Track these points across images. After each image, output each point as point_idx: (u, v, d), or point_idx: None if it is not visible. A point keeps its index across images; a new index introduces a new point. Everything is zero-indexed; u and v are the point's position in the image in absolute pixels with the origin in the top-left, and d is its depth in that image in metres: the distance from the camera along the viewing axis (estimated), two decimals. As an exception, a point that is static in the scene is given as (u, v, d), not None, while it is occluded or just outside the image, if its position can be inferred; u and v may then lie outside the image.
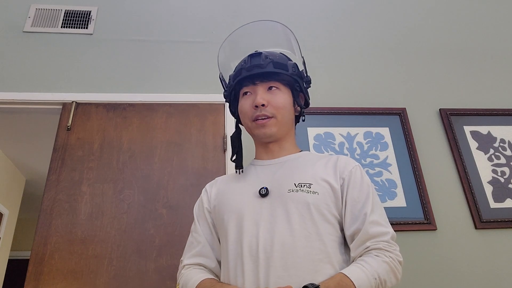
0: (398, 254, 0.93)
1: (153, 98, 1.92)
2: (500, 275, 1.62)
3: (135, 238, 1.60)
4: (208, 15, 2.26)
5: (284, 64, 1.08)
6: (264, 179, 1.03)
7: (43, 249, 1.55)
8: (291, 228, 0.91)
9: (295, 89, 1.10)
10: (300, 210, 0.93)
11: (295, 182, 0.98)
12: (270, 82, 1.06)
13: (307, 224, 0.92)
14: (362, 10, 2.37)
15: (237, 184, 1.08)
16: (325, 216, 0.94)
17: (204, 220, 1.08)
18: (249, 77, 1.06)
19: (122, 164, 1.74)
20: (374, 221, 0.93)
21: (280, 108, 1.05)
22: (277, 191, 0.98)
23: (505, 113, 2.01)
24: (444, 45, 2.26)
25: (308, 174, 1.00)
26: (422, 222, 1.69)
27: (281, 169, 1.04)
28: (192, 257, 1.04)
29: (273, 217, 0.94)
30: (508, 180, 1.83)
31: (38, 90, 1.92)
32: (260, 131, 1.05)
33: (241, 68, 1.08)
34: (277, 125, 1.05)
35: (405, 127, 1.92)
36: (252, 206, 0.98)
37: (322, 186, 0.97)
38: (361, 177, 1.01)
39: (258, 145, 1.13)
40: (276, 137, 1.07)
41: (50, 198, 1.65)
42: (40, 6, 2.21)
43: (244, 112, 1.08)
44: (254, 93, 1.06)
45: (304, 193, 0.95)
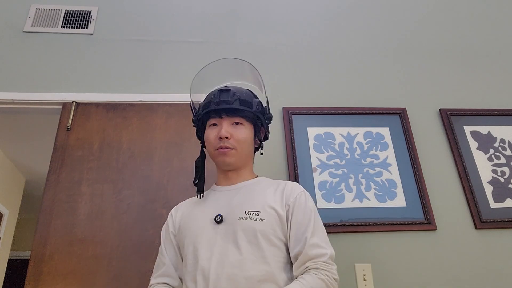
0: (334, 273, 1.05)
1: (153, 98, 1.92)
2: (500, 275, 1.62)
3: (135, 238, 1.59)
4: (208, 15, 2.26)
5: (250, 101, 1.21)
6: (221, 205, 1.16)
7: (43, 249, 1.55)
8: (240, 253, 1.03)
9: (257, 125, 1.24)
10: (248, 236, 1.06)
11: (245, 210, 1.11)
12: (235, 117, 1.19)
13: (254, 248, 1.04)
14: (362, 10, 2.37)
15: (197, 210, 1.20)
16: (271, 241, 1.06)
17: (169, 242, 1.21)
18: (217, 111, 1.18)
19: (122, 164, 1.74)
20: (314, 244, 1.06)
21: (241, 142, 1.18)
22: (230, 218, 1.10)
23: (505, 113, 2.01)
24: (444, 45, 2.26)
25: (258, 202, 1.13)
26: (422, 222, 1.69)
27: (237, 196, 1.17)
28: (157, 277, 1.18)
29: (224, 243, 1.06)
30: (508, 180, 1.83)
31: (38, 90, 1.92)
32: (220, 159, 1.19)
33: (210, 101, 1.20)
34: (236, 156, 1.18)
35: (405, 127, 1.92)
36: (208, 232, 1.10)
37: (269, 213, 1.10)
38: (305, 203, 1.14)
39: (219, 171, 1.26)
40: (234, 166, 1.21)
41: (50, 198, 1.65)
42: (40, 6, 2.21)
43: (209, 141, 1.20)
44: (220, 125, 1.19)
45: (252, 220, 1.08)
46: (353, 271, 1.58)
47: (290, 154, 1.79)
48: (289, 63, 2.11)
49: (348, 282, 1.55)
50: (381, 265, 1.60)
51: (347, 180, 1.77)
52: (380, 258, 1.61)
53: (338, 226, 1.65)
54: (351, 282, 1.56)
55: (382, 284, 1.57)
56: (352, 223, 1.66)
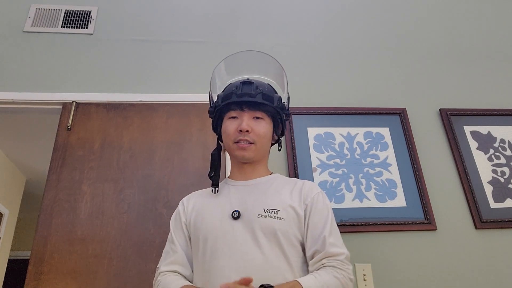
0: (350, 273, 1.04)
1: (154, 98, 1.92)
2: (500, 275, 1.62)
3: (135, 238, 1.60)
4: (209, 15, 2.26)
5: (271, 96, 1.19)
6: (237, 201, 1.13)
7: (43, 249, 1.55)
8: (261, 251, 1.02)
9: (276, 120, 1.22)
10: (268, 235, 1.04)
11: (264, 207, 1.08)
12: (257, 111, 1.17)
13: (274, 248, 1.03)
14: (362, 10, 2.37)
15: (212, 203, 1.16)
16: (290, 240, 1.05)
17: (181, 232, 1.17)
18: (238, 103, 1.16)
19: (122, 164, 1.74)
20: (332, 243, 1.06)
21: (261, 137, 1.16)
22: (248, 214, 1.08)
23: (505, 113, 2.01)
24: (444, 45, 2.27)
25: (276, 200, 1.11)
26: (422, 222, 1.69)
27: (252, 192, 1.14)
28: (168, 265, 1.13)
29: (244, 240, 1.04)
30: (508, 180, 1.83)
31: (38, 90, 1.92)
32: (239, 153, 1.16)
33: (232, 92, 1.18)
34: (256, 151, 1.16)
35: (405, 127, 1.92)
36: (225, 228, 1.07)
37: (288, 212, 1.08)
38: (323, 203, 1.13)
39: (234, 165, 1.24)
40: (252, 161, 1.19)
41: (50, 198, 1.65)
42: (40, 6, 2.21)
43: (228, 133, 1.18)
44: (240, 118, 1.16)
45: (272, 219, 1.06)
46: (353, 271, 1.58)
47: (290, 154, 1.79)
48: (289, 63, 2.11)
49: (348, 282, 1.55)
50: (381, 265, 1.60)
51: (347, 180, 1.77)
52: (380, 258, 1.61)
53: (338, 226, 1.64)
54: (351, 282, 1.56)
55: (382, 284, 1.57)
56: (352, 223, 1.66)
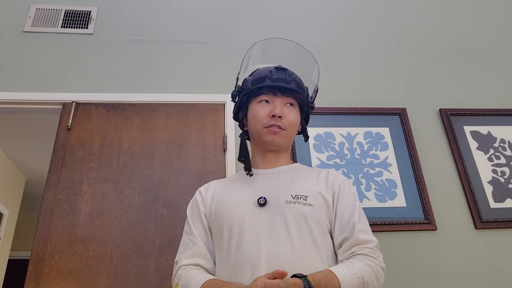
0: (381, 261, 1.00)
1: (153, 98, 1.92)
2: (500, 275, 1.62)
3: (135, 238, 1.59)
4: (208, 15, 2.26)
5: (302, 86, 1.18)
6: (261, 188, 1.08)
7: (43, 249, 1.55)
8: (290, 240, 0.97)
9: (303, 110, 1.21)
10: (298, 222, 0.99)
11: (292, 193, 1.04)
12: (290, 98, 1.15)
13: (305, 235, 0.98)
14: (362, 10, 2.37)
15: (233, 191, 1.12)
16: (320, 227, 1.01)
17: (200, 222, 1.11)
18: (272, 88, 1.13)
19: (122, 164, 1.74)
20: (361, 229, 1.02)
21: (292, 124, 1.14)
22: (275, 201, 1.03)
23: (505, 113, 2.01)
24: (444, 45, 2.26)
25: (303, 186, 1.07)
26: (422, 222, 1.69)
27: (276, 180, 1.11)
28: (189, 258, 1.06)
29: (272, 228, 0.99)
30: (508, 180, 1.83)
31: (38, 90, 1.91)
32: (270, 137, 1.12)
33: (265, 76, 1.14)
34: (285, 138, 1.14)
35: (405, 127, 1.92)
36: (252, 215, 1.02)
37: (317, 199, 1.04)
38: (349, 190, 1.10)
39: (257, 152, 1.19)
40: (279, 148, 1.16)
41: (50, 198, 1.65)
42: (40, 6, 2.21)
43: (258, 117, 1.13)
44: (272, 103, 1.13)
45: (300, 205, 1.02)
46: (353, 271, 1.58)
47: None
48: (289, 63, 2.11)
49: (348, 282, 1.55)
50: (381, 265, 1.60)
51: (347, 180, 1.77)
52: (380, 258, 1.61)
53: (338, 226, 1.65)
54: (351, 282, 1.56)
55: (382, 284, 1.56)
56: (352, 223, 1.65)
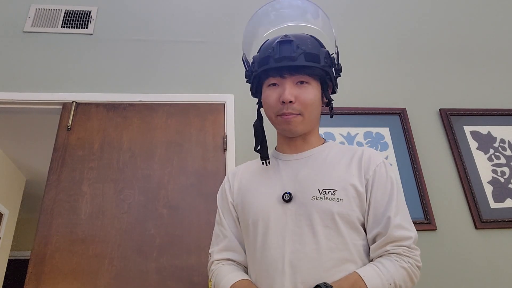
0: (418, 260, 0.91)
1: (153, 98, 1.92)
2: (500, 275, 1.62)
3: (136, 238, 1.60)
4: (208, 15, 2.26)
5: (316, 54, 0.98)
6: (288, 179, 0.99)
7: (43, 249, 1.55)
8: (316, 241, 0.89)
9: (325, 82, 1.02)
10: (325, 221, 0.91)
11: (319, 188, 0.94)
12: (300, 76, 0.97)
13: (332, 235, 0.90)
14: (362, 10, 2.37)
15: (259, 182, 1.03)
16: (350, 223, 0.92)
17: (229, 213, 1.06)
18: (277, 69, 0.97)
19: (122, 164, 1.74)
20: (397, 225, 0.91)
21: (308, 105, 0.97)
22: (301, 196, 0.94)
23: (505, 113, 2.01)
24: (444, 45, 2.26)
25: (332, 177, 0.96)
26: (422, 222, 1.69)
27: (305, 168, 1.00)
28: (220, 252, 1.03)
29: (298, 228, 0.92)
30: (508, 180, 1.83)
31: (38, 90, 1.92)
32: (285, 127, 0.99)
33: (269, 56, 0.98)
34: (303, 123, 0.99)
35: (405, 127, 1.92)
36: (277, 213, 0.95)
37: (347, 191, 0.94)
38: (386, 176, 0.97)
39: (281, 137, 1.08)
40: (300, 134, 1.02)
41: (51, 198, 1.65)
42: (40, 6, 2.21)
43: (268, 104, 1.00)
44: (281, 86, 0.98)
45: (328, 201, 0.92)
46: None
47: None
48: (289, 63, 2.11)
49: (348, 282, 1.55)
50: (381, 265, 1.60)
51: (347, 180, 1.76)
52: (380, 258, 1.61)
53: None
54: (351, 282, 1.56)
55: (382, 284, 1.57)
56: (352, 223, 1.66)
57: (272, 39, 1.02)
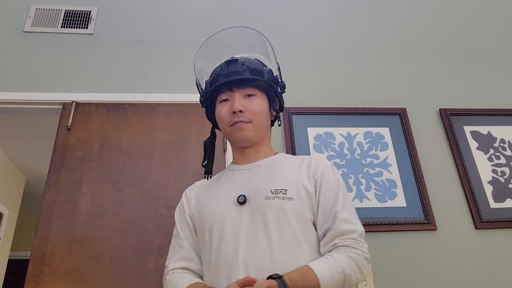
0: (365, 251, 0.97)
1: (153, 98, 1.92)
2: (500, 275, 1.62)
3: (135, 238, 1.59)
4: (208, 15, 2.26)
5: (260, 70, 1.11)
6: (241, 185, 1.06)
7: (43, 249, 1.55)
8: (269, 238, 0.94)
9: (271, 95, 1.14)
10: (278, 218, 0.97)
11: (271, 188, 1.01)
12: (247, 88, 1.09)
13: (285, 231, 0.96)
14: (362, 10, 2.37)
15: (215, 190, 1.11)
16: (302, 220, 0.98)
17: (185, 225, 1.11)
18: (226, 84, 1.09)
19: (122, 164, 1.74)
20: (344, 219, 0.98)
21: (257, 114, 1.09)
22: (254, 198, 1.01)
23: (505, 113, 2.01)
24: (444, 45, 2.26)
25: (283, 179, 1.04)
26: (422, 222, 1.69)
27: (257, 174, 1.08)
28: (176, 261, 1.07)
29: (252, 226, 0.97)
30: (508, 180, 1.83)
31: (38, 90, 1.91)
32: (238, 134, 1.09)
33: (218, 74, 1.11)
34: (254, 130, 1.09)
35: (405, 127, 1.92)
36: (232, 215, 1.01)
37: (298, 191, 1.01)
38: (333, 177, 1.06)
39: (235, 150, 1.17)
40: (252, 142, 1.11)
41: (50, 198, 1.65)
42: (40, 6, 2.21)
43: (221, 118, 1.11)
44: (231, 100, 1.09)
45: (280, 200, 0.99)
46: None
47: (290, 154, 1.79)
48: (288, 63, 2.11)
49: (348, 282, 1.55)
50: (381, 265, 1.60)
51: (347, 180, 1.77)
52: (380, 258, 1.61)
53: (338, 226, 1.65)
54: (351, 282, 1.56)
55: (382, 284, 1.57)
56: (352, 223, 1.65)
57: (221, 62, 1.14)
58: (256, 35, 1.23)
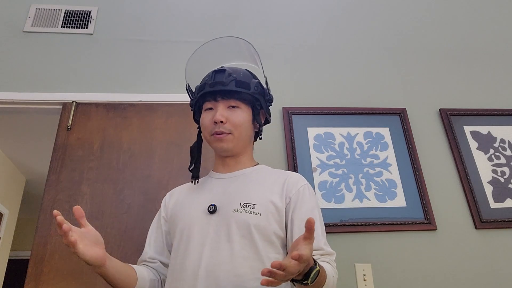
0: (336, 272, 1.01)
1: (153, 98, 1.92)
2: (500, 275, 1.62)
3: (136, 238, 1.60)
4: (208, 15, 2.26)
5: (247, 82, 1.13)
6: (215, 194, 1.09)
7: (43, 249, 1.55)
8: (231, 249, 0.97)
9: (256, 108, 1.16)
10: (242, 231, 0.99)
11: (241, 201, 1.03)
12: (231, 100, 1.11)
13: (247, 245, 0.98)
14: (362, 10, 2.37)
15: (191, 197, 1.14)
16: (265, 236, 1.00)
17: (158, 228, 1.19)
18: (211, 93, 1.12)
19: (122, 164, 1.74)
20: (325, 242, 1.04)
21: (237, 126, 1.11)
22: (224, 209, 1.04)
23: (505, 113, 2.01)
24: (444, 45, 2.26)
25: (255, 193, 1.06)
26: (422, 222, 1.69)
27: (233, 185, 1.10)
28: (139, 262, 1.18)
29: (217, 236, 1.00)
30: (508, 180, 1.83)
31: (38, 90, 1.92)
32: (217, 144, 1.12)
33: (205, 83, 1.14)
34: (234, 141, 1.11)
35: (405, 127, 1.92)
36: (201, 223, 1.03)
37: (266, 207, 1.03)
38: (309, 197, 1.07)
39: (217, 157, 1.20)
40: (232, 152, 1.14)
41: (50, 198, 1.65)
42: (40, 6, 2.21)
43: (204, 125, 1.14)
44: (215, 109, 1.12)
45: (247, 213, 1.01)
46: (353, 271, 1.58)
47: (290, 154, 1.79)
48: (288, 63, 2.11)
49: (348, 282, 1.56)
50: (381, 265, 1.60)
51: (347, 180, 1.77)
52: (380, 258, 1.61)
53: (338, 226, 1.65)
54: (351, 282, 1.56)
55: (382, 284, 1.57)
56: (352, 223, 1.66)
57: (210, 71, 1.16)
58: (244, 45, 1.25)
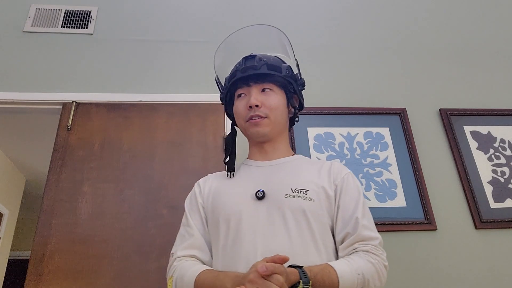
0: (384, 259, 0.96)
1: (154, 98, 1.92)
2: (500, 275, 1.62)
3: (136, 238, 1.60)
4: (209, 15, 2.26)
5: (278, 66, 1.11)
6: (259, 181, 1.04)
7: (43, 249, 1.55)
8: (288, 236, 0.93)
9: (289, 91, 1.13)
10: (297, 217, 0.95)
11: (291, 187, 1.00)
12: (264, 83, 1.09)
13: (304, 231, 0.94)
14: (363, 10, 2.37)
15: (231, 185, 1.08)
16: (319, 223, 0.97)
17: (197, 214, 1.08)
18: (244, 79, 1.09)
19: (123, 164, 1.74)
20: (365, 225, 0.97)
21: (273, 109, 1.08)
22: (274, 194, 0.99)
23: (505, 113, 2.01)
24: (444, 45, 2.27)
25: (304, 179, 1.02)
26: (422, 222, 1.69)
27: (276, 172, 1.06)
28: (185, 249, 1.03)
29: (270, 222, 0.95)
30: (508, 180, 1.83)
31: (38, 90, 1.91)
32: (254, 130, 1.08)
33: (236, 70, 1.12)
34: (270, 125, 1.08)
35: (405, 127, 1.92)
36: (249, 209, 0.99)
37: (318, 193, 1.00)
38: (353, 184, 1.05)
39: (252, 145, 1.15)
40: (269, 137, 1.10)
41: (51, 198, 1.65)
42: (40, 6, 2.21)
43: (238, 113, 1.11)
44: (248, 95, 1.09)
45: (300, 199, 0.97)
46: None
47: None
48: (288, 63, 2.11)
49: (349, 282, 1.55)
50: (381, 265, 1.60)
51: (347, 180, 1.77)
52: (380, 258, 1.61)
53: (338, 226, 1.65)
54: (352, 282, 1.56)
55: (382, 284, 1.57)
56: (352, 223, 1.66)
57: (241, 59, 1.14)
58: (276, 32, 1.22)
